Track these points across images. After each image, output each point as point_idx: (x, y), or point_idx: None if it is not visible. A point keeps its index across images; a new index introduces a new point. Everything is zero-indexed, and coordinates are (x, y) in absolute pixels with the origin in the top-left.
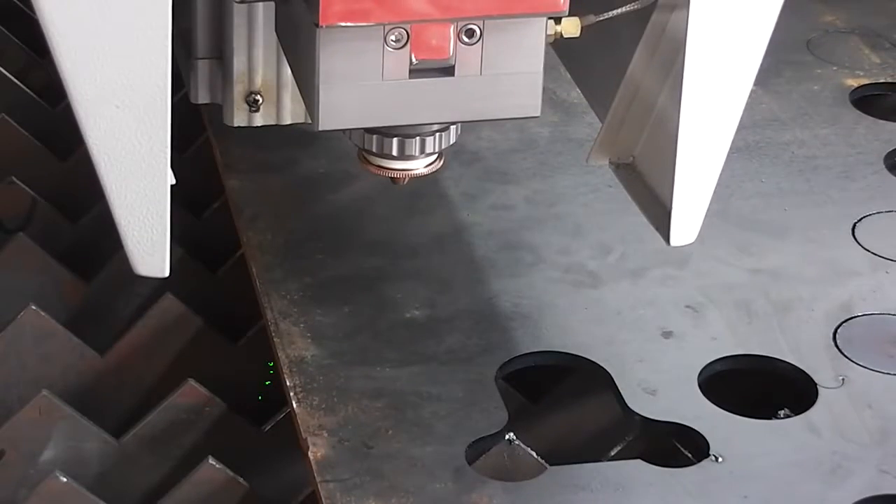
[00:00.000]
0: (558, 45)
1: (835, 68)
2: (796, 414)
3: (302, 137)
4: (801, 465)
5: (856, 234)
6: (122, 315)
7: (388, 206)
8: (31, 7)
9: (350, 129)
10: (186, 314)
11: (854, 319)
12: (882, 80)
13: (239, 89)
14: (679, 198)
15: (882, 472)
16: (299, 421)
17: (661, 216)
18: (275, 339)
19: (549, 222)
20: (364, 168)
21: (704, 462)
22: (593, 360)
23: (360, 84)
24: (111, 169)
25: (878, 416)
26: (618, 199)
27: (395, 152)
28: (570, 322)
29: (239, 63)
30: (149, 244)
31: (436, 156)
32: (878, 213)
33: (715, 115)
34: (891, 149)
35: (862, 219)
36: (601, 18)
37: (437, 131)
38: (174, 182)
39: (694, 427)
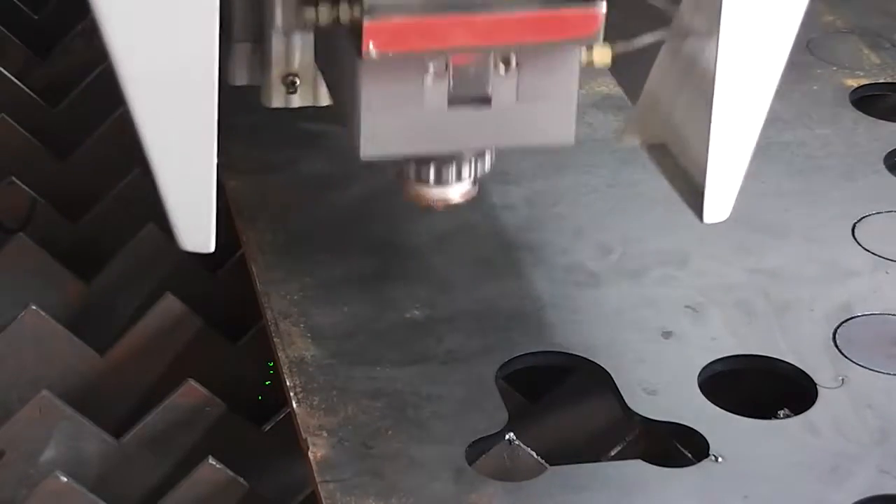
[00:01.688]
0: None
1: (835, 68)
2: (796, 414)
3: (302, 137)
4: (801, 465)
5: (856, 234)
6: (122, 315)
7: (388, 206)
8: (31, 7)
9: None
10: (186, 314)
11: (854, 319)
12: (882, 80)
13: (277, 72)
14: (712, 175)
15: (882, 472)
16: (299, 421)
17: (694, 194)
18: (275, 339)
19: (550, 222)
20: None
21: (704, 462)
22: (593, 360)
23: (401, 112)
24: (158, 146)
25: (878, 416)
26: (618, 199)
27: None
28: (570, 322)
29: (277, 46)
30: (195, 220)
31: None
32: (878, 213)
33: (749, 91)
34: (891, 149)
35: (862, 219)
36: (632, 47)
37: (474, 158)
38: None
39: (694, 427)
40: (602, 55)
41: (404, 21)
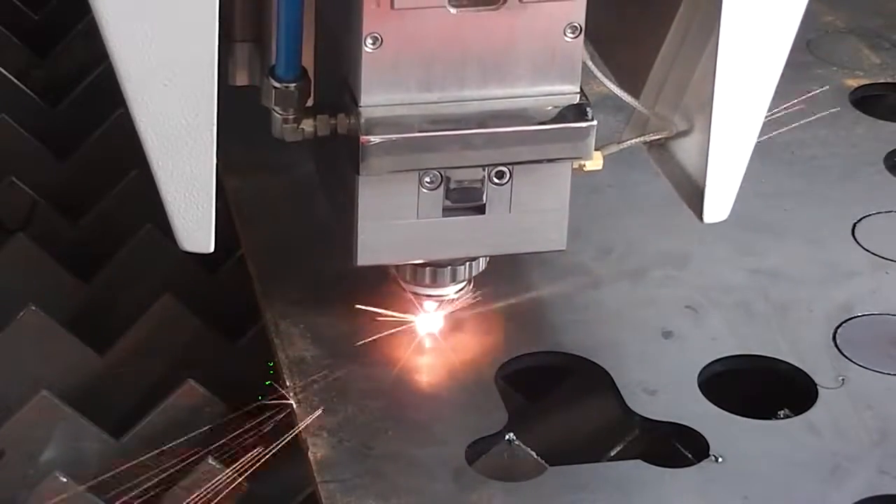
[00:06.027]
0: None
1: (835, 68)
2: (796, 414)
3: None
4: (801, 465)
5: (856, 234)
6: (121, 315)
7: None
8: (30, 7)
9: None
10: (186, 314)
11: (854, 319)
12: (882, 80)
13: None
14: (712, 175)
15: (882, 472)
16: (299, 421)
17: (694, 194)
18: (275, 340)
19: None
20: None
21: (704, 462)
22: (593, 360)
23: (397, 223)
24: (158, 146)
25: (878, 416)
26: (618, 199)
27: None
28: (570, 322)
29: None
30: (195, 220)
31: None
32: (878, 213)
33: (748, 91)
34: (891, 149)
35: (862, 219)
36: (622, 147)
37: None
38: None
39: (694, 427)
40: (594, 162)
41: (401, 138)
